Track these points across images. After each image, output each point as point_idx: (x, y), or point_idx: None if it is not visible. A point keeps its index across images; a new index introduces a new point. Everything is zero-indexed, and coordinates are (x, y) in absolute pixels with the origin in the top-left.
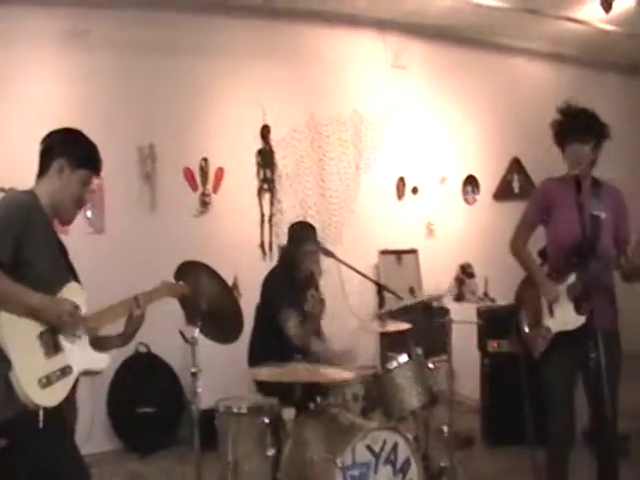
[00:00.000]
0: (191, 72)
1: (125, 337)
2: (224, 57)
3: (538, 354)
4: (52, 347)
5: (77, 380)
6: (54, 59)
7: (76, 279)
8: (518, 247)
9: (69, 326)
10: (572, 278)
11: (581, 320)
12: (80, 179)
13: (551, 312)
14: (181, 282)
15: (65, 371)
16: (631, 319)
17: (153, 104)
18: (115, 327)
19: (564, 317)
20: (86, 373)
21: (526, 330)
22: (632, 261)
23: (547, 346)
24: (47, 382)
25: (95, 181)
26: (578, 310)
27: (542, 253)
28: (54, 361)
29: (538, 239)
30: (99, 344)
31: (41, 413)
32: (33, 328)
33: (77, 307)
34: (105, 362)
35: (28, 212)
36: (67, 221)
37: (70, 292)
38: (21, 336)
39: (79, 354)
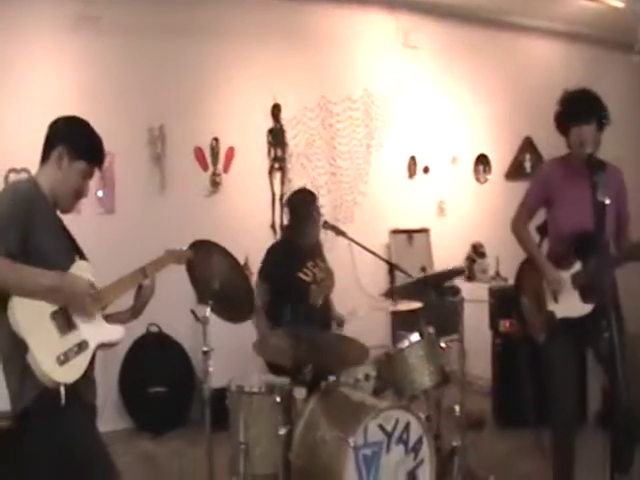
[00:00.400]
0: (201, 53)
1: (135, 310)
2: (234, 37)
3: (542, 338)
4: (66, 325)
5: (94, 356)
6: (64, 43)
7: (83, 257)
8: (518, 228)
9: (84, 303)
10: (577, 266)
11: (587, 308)
12: (79, 170)
13: (555, 298)
14: (184, 248)
15: (82, 346)
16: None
17: (163, 85)
18: (124, 302)
19: (569, 304)
20: (103, 346)
21: (528, 314)
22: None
23: (551, 331)
24: (65, 359)
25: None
26: (584, 299)
27: (541, 229)
28: (69, 338)
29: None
30: (109, 320)
31: (62, 390)
32: (45, 309)
33: (90, 284)
34: (120, 333)
35: (30, 202)
36: (66, 210)
37: (79, 270)
38: (34, 318)
39: (94, 328)
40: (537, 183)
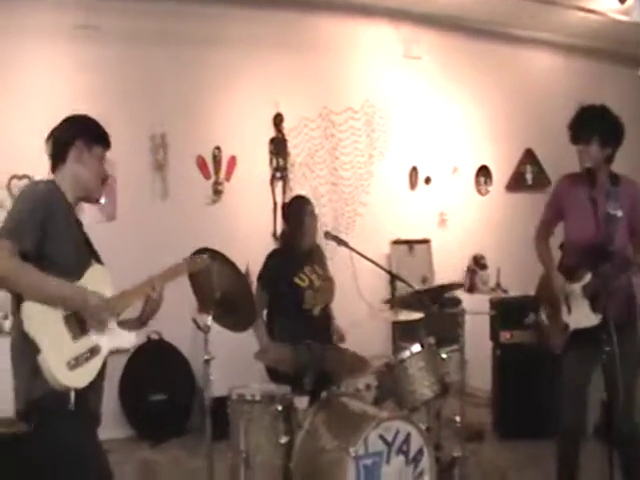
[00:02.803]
0: (203, 61)
1: (142, 320)
2: (237, 46)
3: (559, 349)
4: (78, 329)
5: (105, 362)
6: (65, 51)
7: (99, 261)
8: (536, 242)
9: (99, 317)
10: (588, 277)
11: (597, 319)
12: (97, 156)
13: (569, 309)
14: (204, 256)
15: (94, 351)
16: None
17: (165, 93)
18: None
19: (581, 315)
20: (115, 351)
21: (546, 324)
22: None
23: (566, 342)
24: (76, 364)
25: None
26: (594, 309)
27: (561, 245)
28: (82, 342)
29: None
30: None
31: (72, 395)
32: (58, 311)
33: (105, 301)
34: (133, 340)
35: (48, 201)
36: (97, 198)
37: (94, 274)
38: (47, 321)
39: (107, 334)
40: (550, 197)
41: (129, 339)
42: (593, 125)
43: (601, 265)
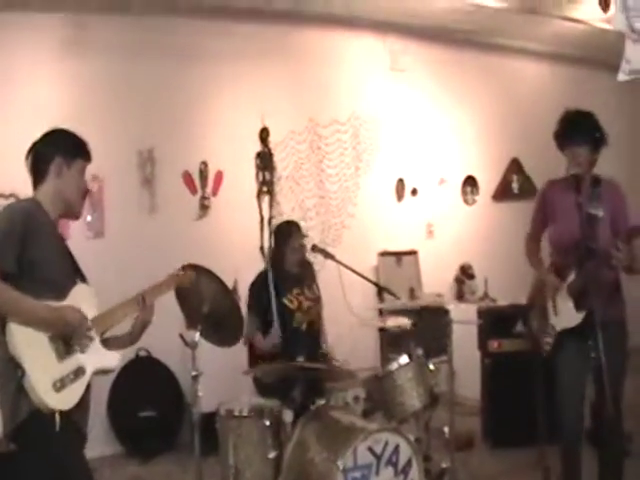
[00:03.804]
0: (190, 76)
1: (133, 336)
2: (223, 60)
3: (545, 353)
4: (63, 349)
5: (90, 383)
6: (52, 67)
7: (83, 280)
8: (525, 245)
9: (77, 335)
10: (572, 276)
11: (580, 317)
12: (78, 170)
13: (555, 311)
14: (189, 271)
15: (78, 373)
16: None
17: (152, 108)
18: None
19: (566, 315)
20: (99, 372)
21: (536, 330)
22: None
23: (554, 344)
24: (61, 385)
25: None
26: (577, 307)
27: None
28: (67, 363)
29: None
30: (107, 344)
31: (57, 417)
32: (43, 333)
33: (85, 318)
34: (117, 360)
35: (28, 217)
36: (78, 214)
37: (79, 293)
38: (32, 342)
39: (91, 354)
40: (536, 203)
41: (113, 359)
42: (583, 129)
43: (585, 263)
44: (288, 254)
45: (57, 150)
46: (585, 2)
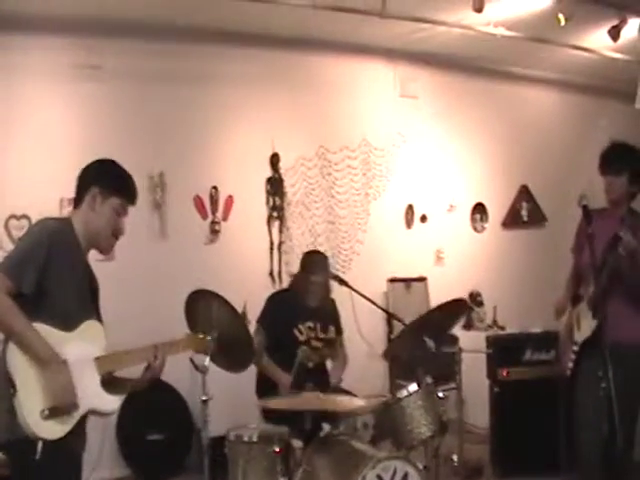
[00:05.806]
0: (201, 101)
1: (138, 384)
2: (234, 86)
3: (568, 370)
4: None
5: (85, 416)
6: (64, 91)
7: (98, 317)
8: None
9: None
10: (590, 290)
11: (595, 323)
12: (113, 208)
13: (578, 326)
14: (208, 337)
15: (70, 407)
16: None
17: (163, 132)
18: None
19: (585, 326)
20: (93, 412)
21: (561, 350)
22: None
23: (575, 360)
24: (49, 414)
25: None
26: (594, 315)
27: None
28: None
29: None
30: (113, 383)
31: (39, 445)
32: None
33: (72, 387)
34: (114, 405)
35: (51, 237)
36: (105, 250)
37: (89, 329)
38: (29, 364)
39: (89, 392)
40: (574, 238)
41: (111, 404)
42: (625, 159)
43: (602, 273)
44: (309, 285)
45: (95, 181)
46: (595, 31)
